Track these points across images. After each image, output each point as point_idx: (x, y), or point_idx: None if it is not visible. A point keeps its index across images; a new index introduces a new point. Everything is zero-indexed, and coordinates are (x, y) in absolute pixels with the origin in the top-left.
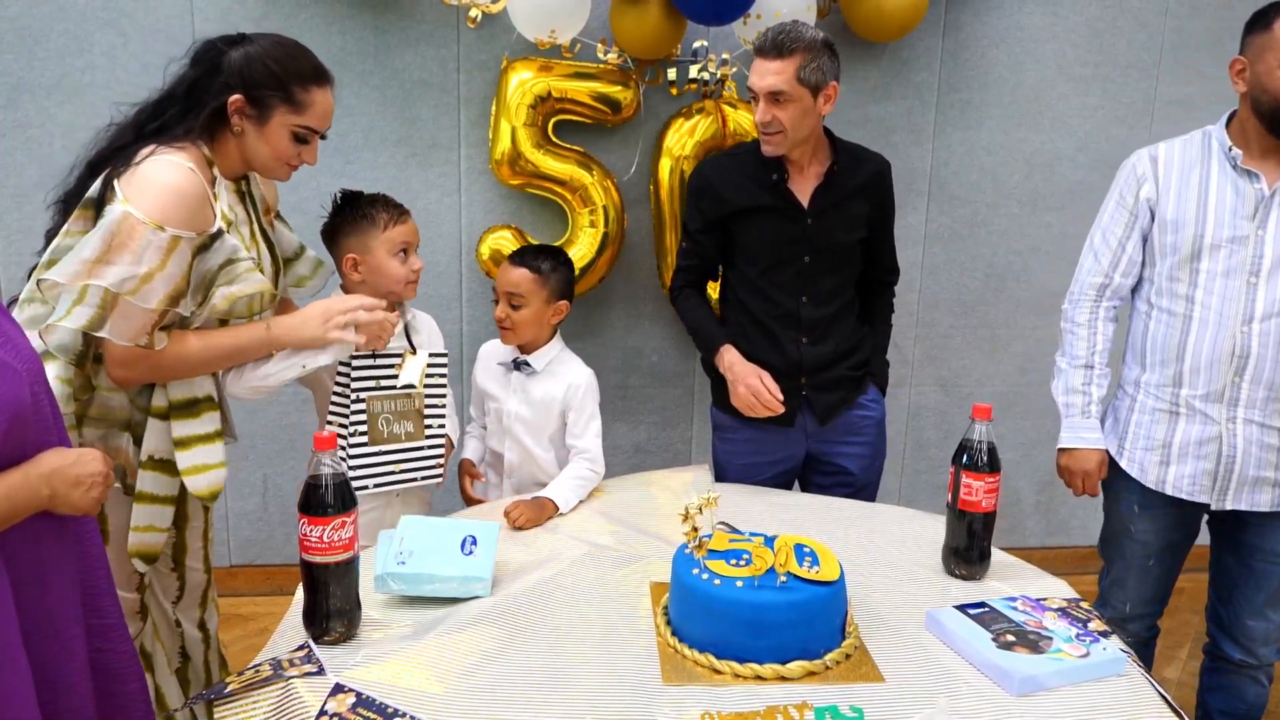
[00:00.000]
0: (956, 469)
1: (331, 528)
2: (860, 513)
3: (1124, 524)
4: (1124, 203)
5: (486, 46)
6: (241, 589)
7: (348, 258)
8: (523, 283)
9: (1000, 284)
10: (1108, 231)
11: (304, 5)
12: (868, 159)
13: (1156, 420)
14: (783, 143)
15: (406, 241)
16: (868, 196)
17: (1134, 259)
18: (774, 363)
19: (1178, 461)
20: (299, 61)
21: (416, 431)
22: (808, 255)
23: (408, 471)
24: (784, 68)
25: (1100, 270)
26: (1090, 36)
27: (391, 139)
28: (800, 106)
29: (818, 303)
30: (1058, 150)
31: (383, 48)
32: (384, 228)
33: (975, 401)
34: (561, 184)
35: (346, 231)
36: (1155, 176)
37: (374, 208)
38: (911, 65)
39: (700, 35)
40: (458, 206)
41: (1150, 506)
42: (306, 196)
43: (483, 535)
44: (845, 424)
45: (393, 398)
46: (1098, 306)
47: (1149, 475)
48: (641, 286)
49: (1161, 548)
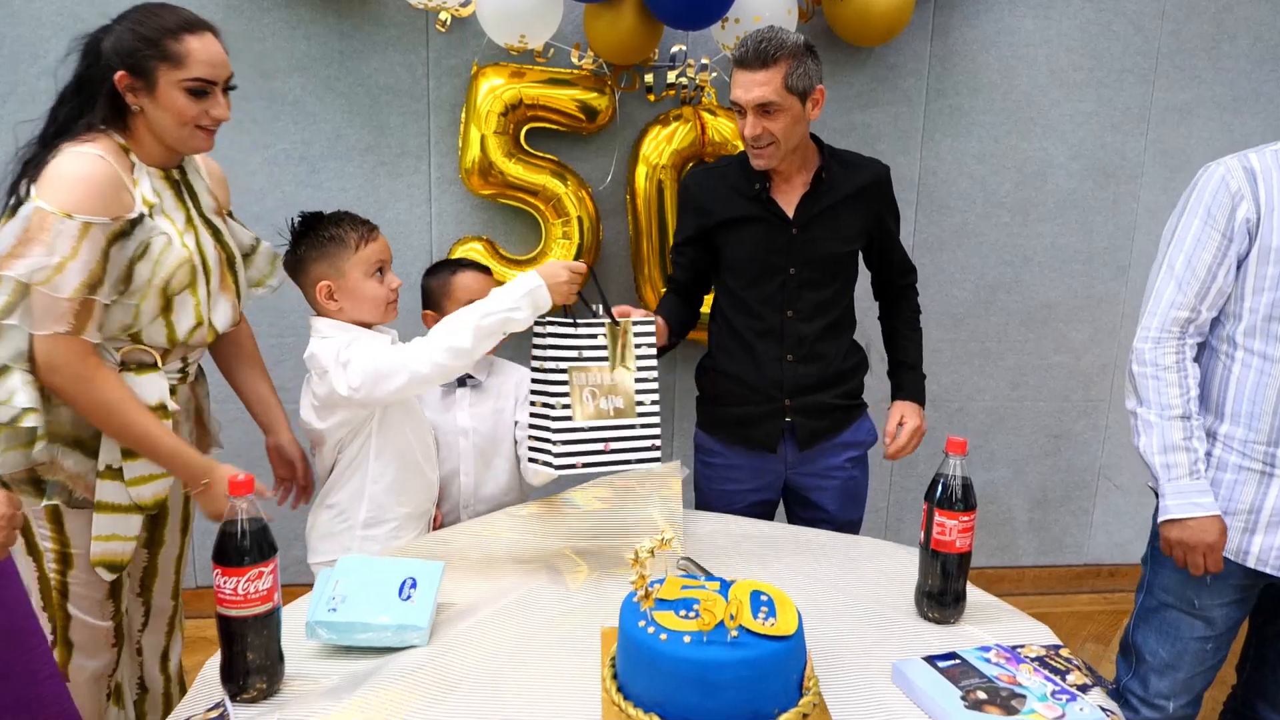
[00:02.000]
0: (929, 506)
1: (247, 579)
2: (837, 545)
3: (1186, 597)
4: (1213, 222)
5: (457, 51)
6: (208, 610)
7: (321, 285)
8: (487, 287)
9: (991, 296)
10: (1194, 257)
11: (266, 10)
12: (861, 165)
13: (1242, 481)
14: (775, 154)
15: (381, 259)
16: (864, 205)
17: (1224, 290)
18: (757, 382)
19: (1266, 530)
20: (163, 17)
21: (627, 408)
22: (793, 267)
23: (620, 452)
24: (770, 77)
25: (1186, 303)
26: (1084, 40)
27: (359, 147)
28: (791, 115)
29: (804, 318)
30: (1050, 158)
31: (349, 53)
32: (355, 248)
33: (966, 418)
34: (534, 194)
35: (314, 258)
36: (1256, 195)
37: (341, 227)
38: (898, 70)
39: (678, 40)
40: (428, 217)
41: (1225, 579)
42: (272, 207)
43: (424, 577)
44: (826, 458)
45: (598, 369)
46: (1183, 345)
47: (1230, 544)
48: (620, 299)
49: (1228, 629)
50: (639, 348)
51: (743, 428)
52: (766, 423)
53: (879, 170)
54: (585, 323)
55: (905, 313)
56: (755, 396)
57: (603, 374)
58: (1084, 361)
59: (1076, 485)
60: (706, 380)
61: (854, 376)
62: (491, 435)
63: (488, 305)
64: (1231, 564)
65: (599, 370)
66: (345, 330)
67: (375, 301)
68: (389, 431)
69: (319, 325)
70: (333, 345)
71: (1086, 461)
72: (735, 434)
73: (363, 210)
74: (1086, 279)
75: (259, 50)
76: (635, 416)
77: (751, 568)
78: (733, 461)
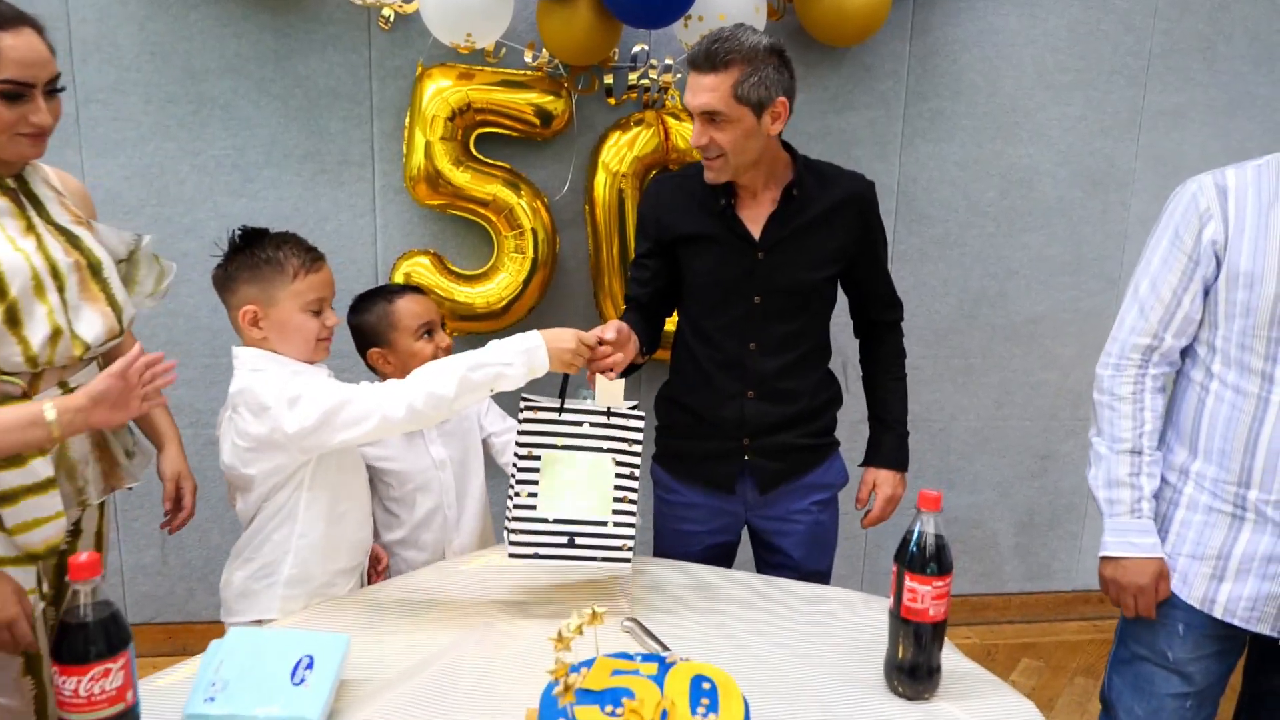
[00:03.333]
0: (899, 568)
1: (91, 678)
2: (802, 598)
3: (1159, 650)
4: (1180, 244)
5: (401, 51)
6: (141, 649)
7: (246, 310)
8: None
9: (974, 309)
10: (1159, 280)
11: (193, 5)
12: (839, 180)
13: (1212, 523)
14: (724, 168)
15: (321, 295)
16: (841, 225)
17: (1191, 316)
18: (715, 418)
19: (1236, 578)
20: None
21: (601, 504)
22: (758, 295)
23: (586, 549)
24: (718, 83)
25: (1148, 329)
26: (1072, 40)
27: (297, 154)
28: (740, 128)
29: (768, 351)
30: (1036, 164)
31: (285, 53)
32: (294, 276)
33: (949, 438)
34: (484, 204)
35: (245, 278)
36: (1225, 214)
37: (282, 251)
38: (876, 72)
39: (639, 39)
40: (372, 229)
41: (1198, 629)
42: (202, 218)
43: (324, 653)
44: (789, 502)
45: (578, 460)
46: (1144, 375)
47: (1193, 590)
48: (579, 316)
49: (1209, 685)
50: (624, 442)
51: (699, 465)
52: (723, 462)
53: (859, 186)
54: (571, 408)
55: (886, 357)
56: (713, 433)
57: (581, 467)
58: (1072, 379)
59: (1065, 508)
60: (663, 410)
61: (825, 414)
62: (465, 460)
63: (480, 357)
64: (1201, 614)
65: (579, 461)
66: (282, 364)
67: (305, 338)
68: (324, 480)
69: (246, 356)
70: (273, 380)
71: (1075, 483)
72: (691, 471)
73: (302, 222)
74: (1075, 292)
75: (186, 50)
76: (610, 515)
77: (705, 629)
78: (689, 500)
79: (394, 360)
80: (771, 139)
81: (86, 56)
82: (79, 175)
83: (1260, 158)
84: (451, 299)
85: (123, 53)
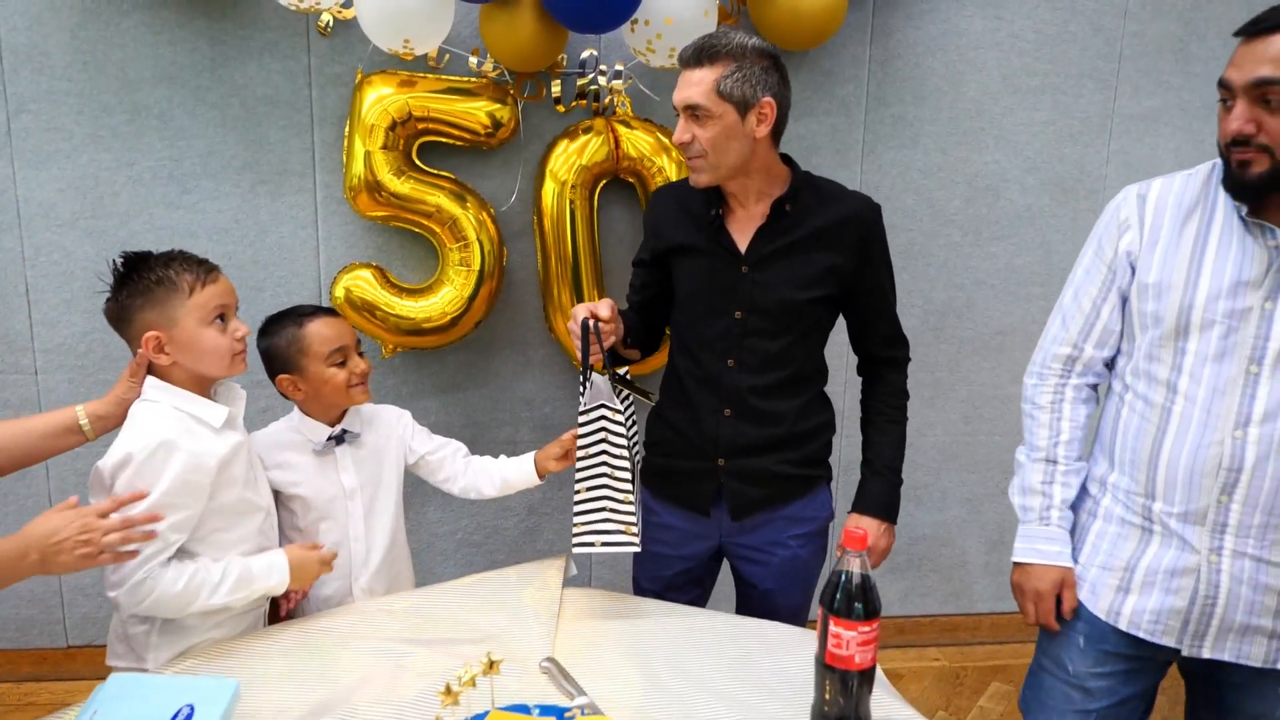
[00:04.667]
0: (823, 611)
1: None
2: (735, 635)
3: (1060, 661)
4: (1101, 254)
5: (341, 58)
6: (81, 672)
7: (148, 337)
8: (345, 330)
9: (940, 322)
10: (1080, 290)
11: (125, 12)
12: (840, 199)
13: (1124, 535)
14: (704, 168)
15: (222, 304)
16: (835, 246)
17: (1110, 327)
18: (692, 435)
19: (1140, 591)
20: None
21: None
22: (740, 310)
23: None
24: (703, 77)
25: (1068, 339)
26: (1038, 43)
27: (234, 165)
28: (722, 125)
29: (748, 369)
30: (1003, 171)
31: (220, 60)
32: (190, 291)
33: (915, 453)
34: (428, 216)
35: (140, 305)
36: (1141, 223)
37: (171, 269)
38: (835, 76)
39: (589, 44)
40: (314, 241)
41: (1100, 642)
42: (138, 230)
43: (206, 703)
44: (766, 532)
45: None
46: (1064, 385)
47: (1099, 602)
48: (530, 330)
49: (1111, 705)
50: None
51: (675, 483)
52: (698, 482)
53: (860, 208)
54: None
55: (882, 396)
56: (689, 451)
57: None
58: None
59: None
60: (651, 426)
61: (810, 441)
62: (375, 493)
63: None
64: (1106, 627)
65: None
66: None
67: (217, 353)
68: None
69: (142, 400)
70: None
71: None
72: (668, 489)
73: (242, 234)
74: (1045, 302)
75: (119, 58)
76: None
77: (627, 668)
78: (666, 520)
79: (304, 387)
80: (760, 144)
81: (17, 66)
82: (11, 188)
83: (1196, 166)
84: (395, 314)
85: (54, 61)
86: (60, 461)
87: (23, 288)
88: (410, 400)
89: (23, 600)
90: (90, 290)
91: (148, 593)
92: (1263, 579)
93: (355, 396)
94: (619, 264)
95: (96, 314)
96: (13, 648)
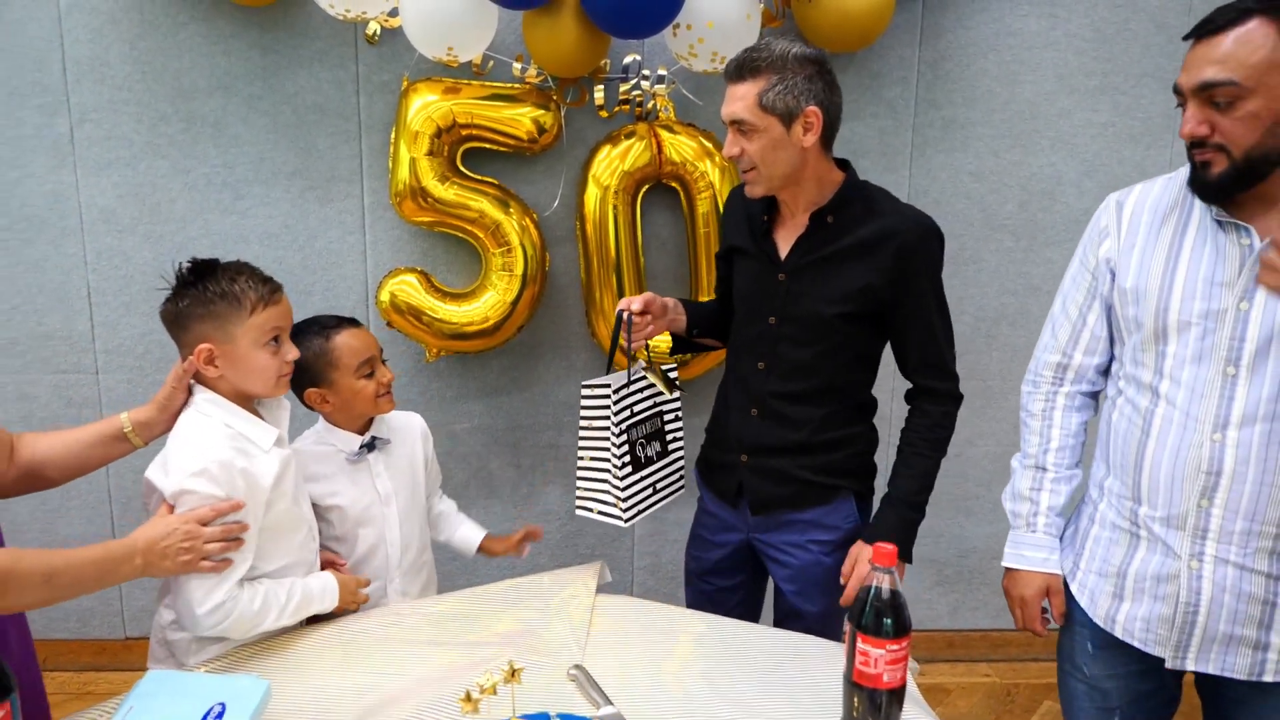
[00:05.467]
0: (852, 628)
1: None
2: (769, 647)
3: (1076, 663)
4: (1085, 262)
5: (389, 66)
6: (138, 663)
7: (202, 349)
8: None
9: (992, 329)
10: (1068, 299)
11: (183, 24)
12: (885, 214)
13: (1115, 540)
14: (757, 180)
15: (279, 326)
16: (871, 263)
17: (1097, 334)
18: (726, 428)
19: (1133, 598)
20: None
21: (664, 449)
22: (774, 316)
23: (661, 491)
24: (746, 92)
25: (1058, 346)
26: (1097, 42)
27: (285, 171)
28: (768, 138)
29: (776, 374)
30: (1060, 174)
31: (272, 69)
32: (251, 311)
33: (965, 464)
34: (471, 221)
35: (200, 315)
36: (1119, 229)
37: (237, 284)
38: (883, 79)
39: (632, 49)
40: (362, 246)
41: (1106, 647)
42: (194, 235)
43: (238, 702)
44: (786, 533)
45: (641, 422)
46: (1055, 392)
47: (1098, 609)
48: (572, 334)
49: (1129, 702)
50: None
51: (712, 473)
52: (727, 474)
53: (902, 225)
54: (635, 378)
55: (915, 428)
56: (723, 444)
57: (645, 424)
58: None
59: None
60: (711, 415)
61: (834, 452)
62: (410, 494)
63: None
64: (1107, 632)
65: (642, 422)
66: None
67: (265, 375)
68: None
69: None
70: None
71: None
72: (708, 477)
73: (291, 239)
74: None
75: (176, 68)
76: (670, 455)
77: (656, 677)
78: (708, 507)
79: (334, 400)
80: (809, 152)
81: (80, 77)
82: (74, 194)
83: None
84: (439, 318)
85: (114, 72)
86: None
87: (85, 291)
88: (454, 404)
89: None
90: (148, 293)
91: (227, 614)
92: (1246, 587)
93: (382, 406)
94: (661, 269)
95: (154, 316)
96: (74, 638)
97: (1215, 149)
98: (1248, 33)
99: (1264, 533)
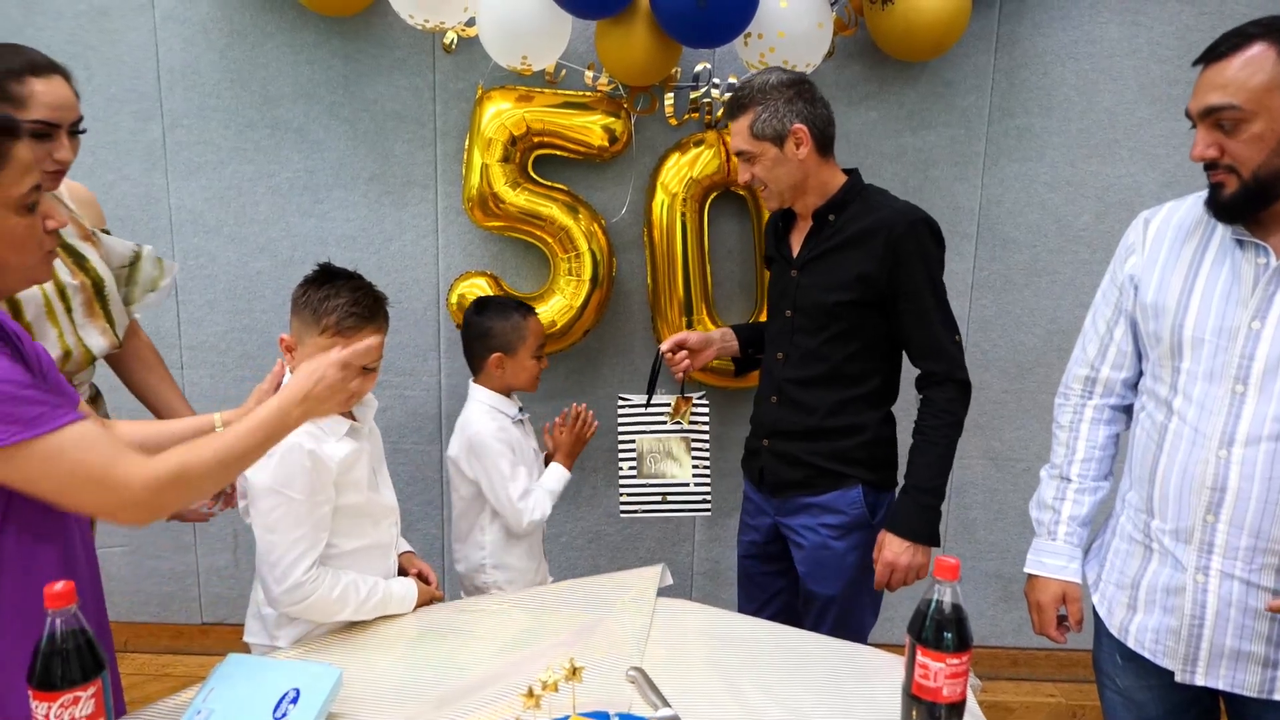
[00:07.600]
0: (911, 641)
1: (60, 705)
2: (827, 656)
3: (1110, 675)
4: (1114, 279)
5: (464, 74)
6: (214, 647)
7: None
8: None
9: (1065, 342)
10: (1097, 314)
11: (269, 35)
12: (879, 210)
13: (1131, 552)
14: (770, 195)
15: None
16: (865, 253)
17: (1124, 349)
18: (753, 422)
19: (1144, 609)
20: (7, 59)
21: (683, 471)
22: (789, 310)
23: (671, 501)
24: (740, 127)
25: (1086, 360)
26: (1181, 50)
27: (363, 175)
28: (768, 159)
29: (791, 363)
30: (1138, 185)
31: (353, 77)
32: (323, 330)
33: (1034, 479)
34: (540, 226)
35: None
36: (1143, 246)
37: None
38: (956, 87)
39: (702, 57)
40: (435, 249)
41: (1131, 659)
42: (275, 237)
43: (311, 687)
44: (800, 515)
45: (659, 440)
46: (1084, 405)
47: (1114, 619)
48: (637, 339)
49: (1166, 712)
50: (695, 423)
51: (746, 457)
52: (753, 458)
53: (892, 218)
54: (658, 402)
55: (923, 416)
56: (754, 430)
57: (663, 443)
58: None
59: None
60: None
61: (843, 438)
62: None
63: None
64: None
65: (662, 440)
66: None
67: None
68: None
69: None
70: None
71: None
72: (744, 462)
73: (368, 242)
74: None
75: (262, 77)
76: (690, 477)
77: (713, 683)
78: (747, 492)
79: (509, 368)
80: (807, 163)
81: (173, 84)
82: (165, 197)
83: None
84: None
85: (205, 80)
86: None
87: (172, 289)
88: None
89: (164, 578)
90: (231, 292)
91: (306, 595)
92: (1252, 603)
93: (534, 386)
94: (728, 276)
95: (237, 314)
96: (154, 621)
97: (1226, 170)
98: (1250, 58)
99: (1270, 550)
